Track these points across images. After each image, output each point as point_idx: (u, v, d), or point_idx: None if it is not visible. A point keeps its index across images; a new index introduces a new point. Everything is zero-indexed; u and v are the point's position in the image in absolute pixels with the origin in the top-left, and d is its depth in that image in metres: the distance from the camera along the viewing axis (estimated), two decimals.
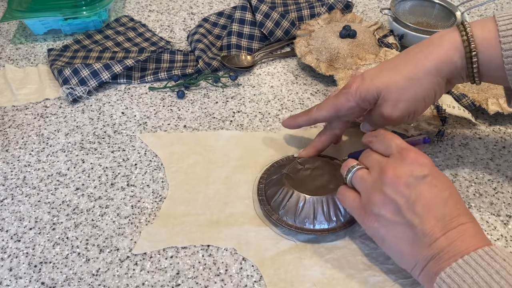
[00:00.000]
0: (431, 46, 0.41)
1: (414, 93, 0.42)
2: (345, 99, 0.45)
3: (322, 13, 0.75)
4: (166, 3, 0.85)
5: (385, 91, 0.43)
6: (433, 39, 0.42)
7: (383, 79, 0.43)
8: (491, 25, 0.40)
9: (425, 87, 0.42)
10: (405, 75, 0.42)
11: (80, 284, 0.43)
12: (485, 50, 0.40)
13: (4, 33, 0.78)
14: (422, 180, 0.37)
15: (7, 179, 0.54)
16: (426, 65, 0.41)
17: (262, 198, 0.49)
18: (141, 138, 0.58)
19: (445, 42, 0.41)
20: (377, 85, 0.43)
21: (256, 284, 0.43)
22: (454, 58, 0.41)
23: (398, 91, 0.42)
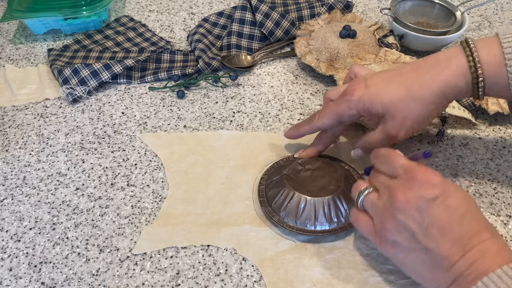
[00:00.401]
0: (438, 68, 0.41)
1: (420, 113, 0.42)
2: (347, 107, 0.45)
3: (322, 13, 0.75)
4: (166, 3, 0.85)
5: (392, 109, 0.42)
6: (440, 60, 0.42)
7: (389, 94, 0.42)
8: (496, 48, 0.40)
9: (430, 108, 0.42)
10: (412, 94, 0.42)
11: (80, 284, 0.43)
12: (491, 75, 0.40)
13: (4, 33, 0.78)
14: (434, 202, 0.35)
15: (7, 179, 0.54)
16: (432, 87, 0.41)
17: (263, 199, 0.49)
18: (141, 138, 0.58)
19: (452, 66, 0.41)
20: (383, 101, 0.43)
21: (256, 284, 0.43)
22: (460, 83, 0.41)
23: (405, 110, 0.42)
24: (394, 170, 0.39)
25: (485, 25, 0.79)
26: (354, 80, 0.46)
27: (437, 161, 0.54)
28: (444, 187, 0.36)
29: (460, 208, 0.35)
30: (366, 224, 0.40)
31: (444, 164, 0.54)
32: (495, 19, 0.80)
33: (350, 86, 0.45)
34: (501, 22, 0.79)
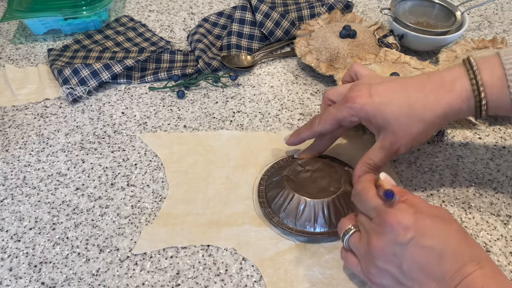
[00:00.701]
0: (443, 90, 0.41)
1: (421, 131, 0.43)
2: (348, 114, 0.44)
3: (322, 13, 0.75)
4: (166, 3, 0.85)
5: (393, 124, 0.42)
6: (445, 81, 0.41)
7: (392, 108, 0.42)
8: (498, 71, 0.40)
9: (431, 127, 0.43)
10: (415, 113, 0.42)
11: (80, 284, 0.43)
12: (494, 98, 0.40)
13: (4, 33, 0.78)
14: (408, 245, 0.35)
15: (7, 179, 0.54)
16: (436, 109, 0.41)
17: (263, 200, 0.49)
18: (141, 138, 0.58)
19: (456, 89, 0.41)
20: (386, 114, 0.42)
21: (256, 284, 0.43)
22: (463, 107, 0.41)
23: (406, 127, 0.42)
24: (368, 212, 0.38)
25: (485, 25, 0.79)
26: (357, 85, 0.45)
27: (437, 161, 0.54)
28: (417, 226, 0.35)
29: (437, 246, 0.34)
30: (355, 265, 0.40)
31: (444, 164, 0.54)
32: (495, 19, 0.80)
33: (353, 92, 0.44)
34: (501, 22, 0.79)
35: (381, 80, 0.45)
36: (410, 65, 0.62)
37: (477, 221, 0.48)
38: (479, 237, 0.46)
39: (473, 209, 0.49)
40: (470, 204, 0.50)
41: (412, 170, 0.53)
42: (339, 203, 0.46)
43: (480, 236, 0.47)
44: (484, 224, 0.48)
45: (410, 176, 0.53)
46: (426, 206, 0.37)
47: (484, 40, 0.67)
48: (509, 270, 0.44)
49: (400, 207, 0.36)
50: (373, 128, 0.45)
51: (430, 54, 0.71)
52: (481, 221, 0.48)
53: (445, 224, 0.36)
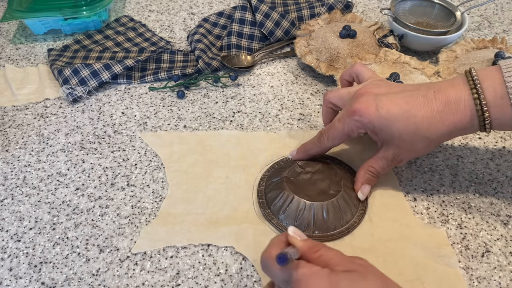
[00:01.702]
0: (448, 110, 0.41)
1: (424, 148, 0.44)
2: (356, 127, 0.45)
3: (322, 13, 0.75)
4: (166, 3, 0.85)
5: (398, 140, 0.44)
6: (450, 101, 0.41)
7: (398, 125, 0.43)
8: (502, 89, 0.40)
9: (434, 144, 0.44)
10: (420, 132, 0.42)
11: (80, 284, 0.43)
12: (498, 117, 0.40)
13: (4, 33, 0.78)
14: None
15: (7, 179, 0.54)
16: (441, 129, 0.42)
17: (262, 201, 0.49)
18: (142, 138, 0.58)
19: (461, 110, 0.41)
20: (392, 130, 0.43)
21: (256, 284, 0.43)
22: (468, 126, 0.42)
23: (410, 144, 0.44)
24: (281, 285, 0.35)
25: (485, 25, 0.79)
26: (363, 95, 0.44)
27: (437, 161, 0.54)
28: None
29: None
30: None
31: (444, 164, 0.54)
32: (495, 19, 0.80)
33: (359, 103, 0.44)
34: (501, 22, 0.79)
35: (387, 90, 0.45)
36: (410, 65, 0.62)
37: (477, 221, 0.48)
38: (479, 237, 0.46)
39: (473, 209, 0.49)
40: (470, 204, 0.50)
41: (412, 170, 0.53)
42: (338, 206, 0.46)
43: (480, 236, 0.47)
44: (484, 224, 0.48)
45: (410, 176, 0.53)
46: (342, 259, 0.34)
47: (484, 40, 0.67)
48: (509, 270, 0.44)
49: (313, 271, 0.33)
50: (377, 139, 0.46)
51: (430, 54, 0.71)
52: (481, 221, 0.48)
53: (364, 280, 0.32)
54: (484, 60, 0.62)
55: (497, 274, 0.43)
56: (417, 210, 0.49)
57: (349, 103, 0.46)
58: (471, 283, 0.43)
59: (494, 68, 0.41)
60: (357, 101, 0.44)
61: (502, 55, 0.60)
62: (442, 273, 0.43)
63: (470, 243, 0.46)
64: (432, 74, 0.60)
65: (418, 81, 0.59)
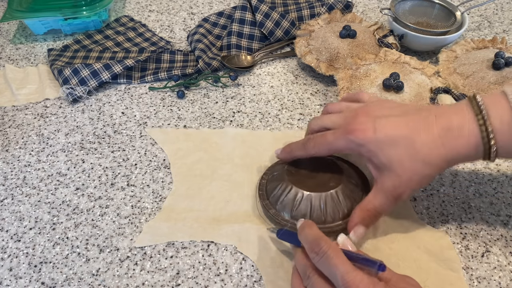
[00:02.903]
0: (450, 135, 0.39)
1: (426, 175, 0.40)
2: (346, 146, 0.42)
3: (322, 13, 0.75)
4: (166, 3, 0.85)
5: (398, 166, 0.40)
6: (453, 126, 0.39)
7: (397, 149, 0.40)
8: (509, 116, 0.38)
9: (436, 171, 0.40)
10: (420, 157, 0.39)
11: (80, 284, 0.43)
12: (504, 145, 0.38)
13: (4, 33, 0.78)
14: None
15: (7, 179, 0.54)
16: (443, 154, 0.39)
17: (262, 193, 0.49)
18: (149, 133, 0.58)
19: (464, 136, 0.39)
20: (390, 154, 0.40)
21: (256, 284, 0.43)
22: (472, 153, 0.39)
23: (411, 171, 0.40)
24: (333, 277, 0.35)
25: (485, 25, 0.79)
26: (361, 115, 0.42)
27: None
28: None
29: None
30: None
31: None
32: (495, 19, 0.80)
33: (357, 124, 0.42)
34: (501, 22, 0.79)
35: (388, 112, 0.42)
36: (410, 65, 0.62)
37: (477, 221, 0.48)
38: (479, 237, 0.46)
39: (473, 209, 0.49)
40: (470, 204, 0.50)
41: None
42: (337, 199, 0.45)
43: (480, 236, 0.47)
44: (484, 224, 0.48)
45: None
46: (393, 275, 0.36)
47: (484, 40, 0.67)
48: (509, 270, 0.44)
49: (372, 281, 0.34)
50: (373, 167, 0.42)
51: (430, 54, 0.71)
52: (481, 221, 0.48)
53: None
54: (484, 60, 0.62)
55: (497, 274, 0.43)
56: (417, 210, 0.49)
57: (347, 121, 0.43)
58: (471, 283, 0.43)
59: (499, 95, 0.39)
60: (355, 121, 0.42)
61: (502, 55, 0.60)
62: (444, 277, 0.43)
63: (470, 243, 0.46)
64: (432, 74, 0.61)
65: (418, 81, 0.59)
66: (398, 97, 0.57)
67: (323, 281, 0.36)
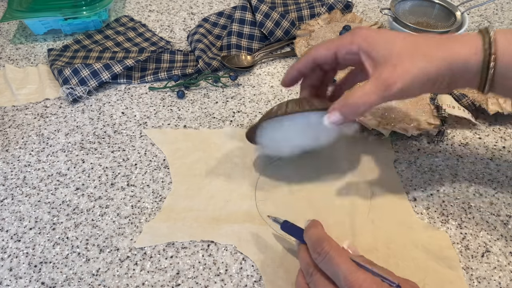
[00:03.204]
0: (453, 39, 0.39)
1: (423, 71, 0.38)
2: (349, 41, 0.42)
3: (322, 13, 0.75)
4: (166, 3, 0.85)
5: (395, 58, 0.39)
6: (456, 36, 0.40)
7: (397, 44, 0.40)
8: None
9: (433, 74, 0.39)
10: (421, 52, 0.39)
11: (80, 284, 0.43)
12: (504, 65, 0.37)
13: (4, 33, 0.78)
14: None
15: (7, 179, 0.54)
16: (442, 55, 0.38)
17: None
18: (147, 134, 0.58)
19: (466, 42, 0.39)
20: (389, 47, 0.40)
21: (256, 284, 0.43)
22: (471, 60, 0.38)
23: (409, 63, 0.39)
24: (335, 277, 0.35)
25: (485, 25, 0.79)
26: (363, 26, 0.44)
27: (437, 161, 0.54)
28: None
29: None
30: None
31: (444, 164, 0.54)
32: (495, 19, 0.80)
33: (358, 27, 0.43)
34: (501, 22, 0.79)
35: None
36: None
37: (477, 221, 0.48)
38: (479, 237, 0.46)
39: (473, 209, 0.49)
40: (470, 204, 0.50)
41: (412, 170, 0.53)
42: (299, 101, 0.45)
43: (480, 236, 0.47)
44: (484, 224, 0.48)
45: (410, 176, 0.53)
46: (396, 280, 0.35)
47: None
48: (509, 270, 0.44)
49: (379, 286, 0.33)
50: (370, 62, 0.41)
51: None
52: (481, 221, 0.48)
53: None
54: None
55: (497, 274, 0.43)
56: (417, 210, 0.49)
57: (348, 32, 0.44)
58: (471, 283, 0.43)
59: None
60: (357, 27, 0.44)
61: None
62: (444, 275, 0.43)
63: (470, 243, 0.46)
64: None
65: None
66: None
67: (325, 280, 0.36)
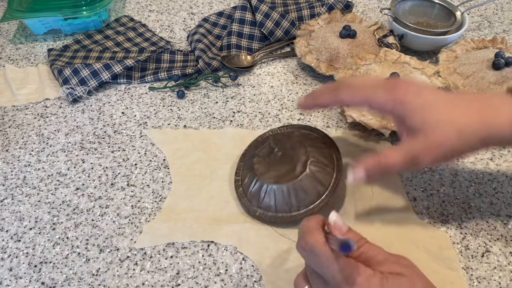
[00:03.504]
0: (489, 110, 0.38)
1: (455, 145, 0.38)
2: (384, 101, 0.40)
3: (322, 13, 0.75)
4: (166, 3, 0.85)
5: (429, 130, 0.38)
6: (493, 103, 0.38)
7: (434, 114, 0.38)
8: None
9: (467, 147, 0.38)
10: (457, 126, 0.38)
11: (80, 284, 0.43)
12: None
13: (4, 33, 0.78)
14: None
15: (7, 179, 0.54)
16: (477, 129, 0.37)
17: (238, 178, 0.50)
18: (147, 134, 0.58)
19: (503, 112, 0.37)
20: (426, 118, 0.38)
21: (256, 284, 0.43)
22: (507, 132, 0.37)
23: (442, 136, 0.38)
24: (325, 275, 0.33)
25: (485, 25, 0.79)
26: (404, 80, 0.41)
27: None
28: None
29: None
30: None
31: (444, 164, 0.54)
32: (495, 19, 0.80)
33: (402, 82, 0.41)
34: (501, 22, 0.79)
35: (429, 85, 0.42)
36: (410, 65, 0.62)
37: (477, 221, 0.48)
38: (479, 237, 0.46)
39: (473, 209, 0.49)
40: (470, 204, 0.50)
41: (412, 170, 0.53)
42: (301, 188, 0.46)
43: (480, 236, 0.47)
44: (484, 224, 0.48)
45: (410, 176, 0.53)
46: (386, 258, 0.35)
47: (484, 40, 0.67)
48: (509, 270, 0.44)
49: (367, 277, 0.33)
50: (403, 129, 0.40)
51: (430, 54, 0.71)
52: (481, 221, 0.48)
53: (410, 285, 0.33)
54: (484, 60, 0.62)
55: (497, 274, 0.43)
56: (417, 210, 0.49)
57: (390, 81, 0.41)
58: (471, 283, 0.43)
59: None
60: (399, 81, 0.41)
61: (502, 55, 0.60)
62: (444, 276, 0.43)
63: (470, 243, 0.46)
64: (432, 74, 0.60)
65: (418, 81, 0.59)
66: None
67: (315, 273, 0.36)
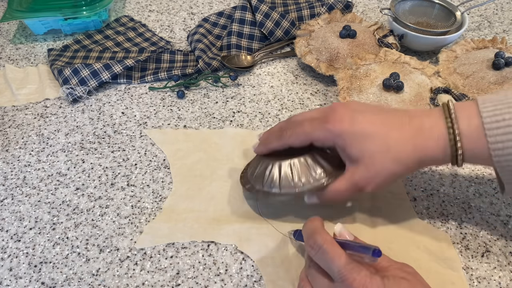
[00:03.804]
0: (421, 137, 0.40)
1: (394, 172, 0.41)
2: (324, 137, 0.43)
3: (322, 13, 0.75)
4: (166, 3, 0.85)
5: (368, 160, 0.41)
6: (424, 128, 0.41)
7: (370, 144, 0.41)
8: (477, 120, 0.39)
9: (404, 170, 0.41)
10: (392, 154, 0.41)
11: (80, 284, 0.43)
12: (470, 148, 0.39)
13: (4, 33, 0.78)
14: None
15: (7, 179, 0.54)
16: (411, 155, 0.40)
17: (243, 175, 0.50)
18: (147, 134, 0.58)
19: (433, 138, 0.40)
20: (363, 148, 0.41)
21: (256, 284, 0.43)
22: (439, 155, 0.40)
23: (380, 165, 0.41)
24: (330, 271, 0.36)
25: (485, 25, 0.79)
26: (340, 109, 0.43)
27: None
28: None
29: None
30: None
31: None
32: (495, 19, 0.80)
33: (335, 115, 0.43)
34: (501, 22, 0.79)
35: (365, 108, 0.44)
36: (410, 65, 0.62)
37: (477, 221, 0.48)
38: (479, 237, 0.46)
39: (473, 209, 0.49)
40: (470, 204, 0.50)
41: None
42: (305, 163, 0.45)
43: (480, 236, 0.47)
44: (484, 224, 0.48)
45: (410, 176, 0.53)
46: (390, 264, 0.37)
47: (484, 40, 0.67)
48: (509, 270, 0.44)
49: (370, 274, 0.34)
50: (345, 157, 0.43)
51: (430, 54, 0.71)
52: (481, 221, 0.48)
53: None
54: (484, 60, 0.62)
55: (497, 274, 0.43)
56: (417, 210, 0.49)
57: (325, 112, 0.44)
58: (471, 283, 0.43)
59: (471, 102, 0.40)
60: (334, 113, 0.43)
61: (502, 55, 0.60)
62: (445, 276, 0.43)
63: (470, 243, 0.46)
64: (432, 74, 0.61)
65: (418, 81, 0.59)
66: (398, 97, 0.57)
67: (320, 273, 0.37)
